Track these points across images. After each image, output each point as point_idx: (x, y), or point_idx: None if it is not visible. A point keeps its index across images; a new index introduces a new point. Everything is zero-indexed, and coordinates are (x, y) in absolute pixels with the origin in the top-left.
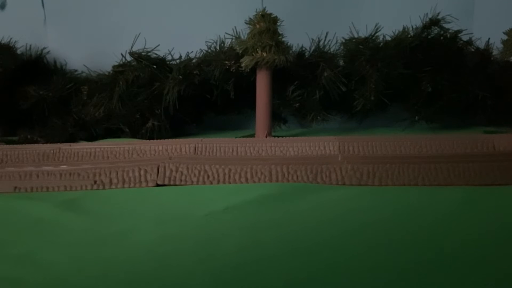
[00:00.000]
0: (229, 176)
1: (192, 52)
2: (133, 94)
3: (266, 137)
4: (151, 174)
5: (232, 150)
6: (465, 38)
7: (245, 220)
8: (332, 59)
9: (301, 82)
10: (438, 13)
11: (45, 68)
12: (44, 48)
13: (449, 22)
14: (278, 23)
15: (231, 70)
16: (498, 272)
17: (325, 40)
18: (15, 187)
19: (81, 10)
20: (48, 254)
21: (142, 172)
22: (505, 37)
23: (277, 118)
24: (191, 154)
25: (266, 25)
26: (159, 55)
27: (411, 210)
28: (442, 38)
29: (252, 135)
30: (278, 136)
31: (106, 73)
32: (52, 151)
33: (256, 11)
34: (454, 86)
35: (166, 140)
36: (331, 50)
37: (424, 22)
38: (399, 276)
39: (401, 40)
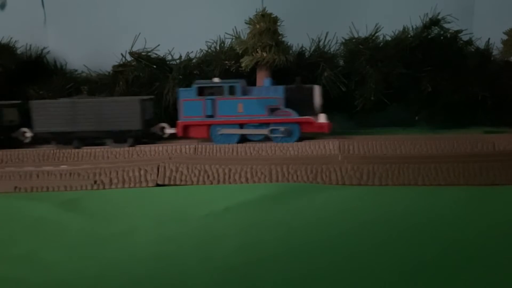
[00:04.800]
0: (229, 176)
1: (192, 52)
2: (133, 94)
3: None
4: (151, 174)
5: (232, 150)
6: (465, 38)
7: (245, 220)
8: (332, 59)
9: (301, 82)
10: (438, 13)
11: (45, 68)
12: (44, 48)
13: (449, 22)
14: (278, 23)
15: (231, 70)
16: (499, 271)
17: (325, 40)
18: (15, 187)
19: (81, 10)
20: (49, 254)
21: (142, 172)
22: (505, 37)
23: None
24: (191, 154)
25: (266, 25)
26: (159, 55)
27: (411, 210)
28: (442, 38)
29: None
30: None
31: (106, 73)
32: (52, 151)
33: (256, 11)
34: (454, 86)
35: (166, 140)
36: (331, 50)
37: (424, 22)
38: (399, 275)
39: (401, 40)
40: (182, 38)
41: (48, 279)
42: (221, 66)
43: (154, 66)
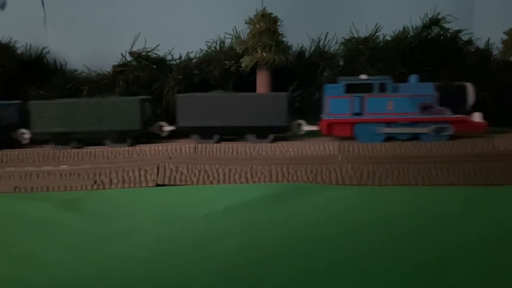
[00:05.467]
0: (229, 176)
1: (192, 52)
2: (133, 94)
3: None
4: (151, 174)
5: (232, 150)
6: (465, 38)
7: (245, 220)
8: (332, 59)
9: (301, 82)
10: (438, 13)
11: (45, 68)
12: (44, 48)
13: (449, 22)
14: (278, 23)
15: (231, 70)
16: (498, 271)
17: (325, 40)
18: (15, 187)
19: (81, 10)
20: (49, 254)
21: (142, 172)
22: (505, 37)
23: None
24: (191, 154)
25: (266, 25)
26: (159, 55)
27: (411, 210)
28: (442, 38)
29: None
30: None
31: (106, 73)
32: (52, 151)
33: (256, 11)
34: None
35: (166, 140)
36: (331, 50)
37: (424, 22)
38: (399, 274)
39: (401, 40)
40: (182, 38)
41: (48, 279)
42: (221, 66)
43: (154, 66)
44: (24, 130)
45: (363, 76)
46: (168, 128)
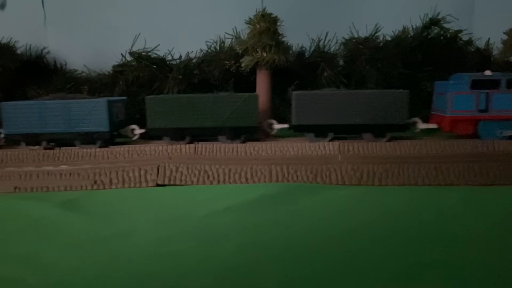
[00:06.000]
0: (229, 176)
1: (192, 52)
2: (133, 94)
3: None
4: (151, 174)
5: (232, 150)
6: (465, 38)
7: (245, 220)
8: (332, 59)
9: (301, 82)
10: (438, 13)
11: (45, 68)
12: (44, 48)
13: (449, 22)
14: (278, 23)
15: (231, 70)
16: (498, 271)
17: (325, 40)
18: (15, 187)
19: (81, 11)
20: (48, 254)
21: (142, 172)
22: (505, 37)
23: (277, 118)
24: (191, 154)
25: (266, 25)
26: (159, 55)
27: (411, 210)
28: (442, 38)
29: None
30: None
31: (106, 73)
32: (52, 151)
33: (256, 11)
34: None
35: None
36: (331, 50)
37: (424, 22)
38: (400, 275)
39: (401, 40)
40: (182, 38)
41: (48, 279)
42: (221, 66)
43: (154, 66)
44: (134, 126)
45: (488, 72)
46: (278, 126)
